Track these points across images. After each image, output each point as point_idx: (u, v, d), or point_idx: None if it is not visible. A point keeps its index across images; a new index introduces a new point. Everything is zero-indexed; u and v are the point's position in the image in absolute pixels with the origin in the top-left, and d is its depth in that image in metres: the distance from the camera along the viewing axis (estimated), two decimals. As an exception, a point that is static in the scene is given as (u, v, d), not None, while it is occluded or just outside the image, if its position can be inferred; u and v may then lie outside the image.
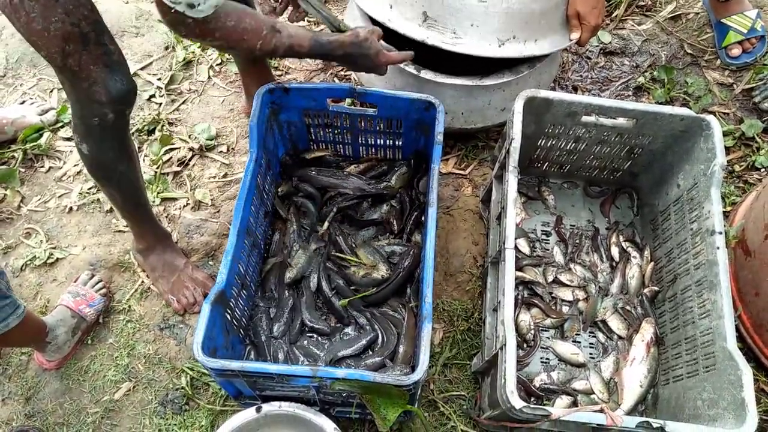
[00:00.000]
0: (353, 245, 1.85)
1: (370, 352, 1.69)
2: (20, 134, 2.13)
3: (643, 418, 1.26)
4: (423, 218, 1.82)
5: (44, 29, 1.18)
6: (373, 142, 1.92)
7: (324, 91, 1.73)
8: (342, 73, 2.32)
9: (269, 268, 1.82)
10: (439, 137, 1.66)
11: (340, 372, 1.32)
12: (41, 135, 2.17)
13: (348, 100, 1.98)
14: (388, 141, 1.90)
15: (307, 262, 1.81)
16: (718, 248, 1.46)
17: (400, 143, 1.90)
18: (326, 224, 1.87)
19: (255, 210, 1.71)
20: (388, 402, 1.37)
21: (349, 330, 1.75)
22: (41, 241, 1.98)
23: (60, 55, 1.24)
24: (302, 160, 1.97)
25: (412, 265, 1.75)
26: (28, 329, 1.53)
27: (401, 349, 1.67)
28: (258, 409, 1.46)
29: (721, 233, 1.48)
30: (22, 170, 2.13)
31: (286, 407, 1.47)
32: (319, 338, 1.74)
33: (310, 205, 1.90)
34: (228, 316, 1.54)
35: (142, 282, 1.89)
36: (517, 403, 1.26)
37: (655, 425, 1.26)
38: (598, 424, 1.27)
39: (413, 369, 1.44)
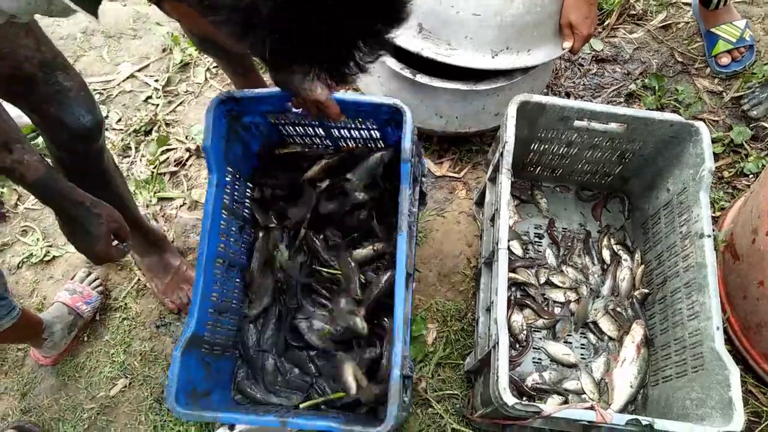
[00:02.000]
0: (330, 259, 1.77)
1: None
2: None
3: (633, 416, 1.29)
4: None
5: None
6: (348, 135, 1.79)
7: (280, 97, 1.58)
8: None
9: (248, 281, 1.77)
10: (407, 153, 1.48)
11: (309, 423, 1.33)
12: (38, 135, 2.18)
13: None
14: (363, 134, 1.77)
15: (270, 297, 1.75)
16: (706, 251, 1.50)
17: (378, 135, 1.77)
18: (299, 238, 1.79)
19: (226, 228, 1.64)
20: None
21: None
22: (38, 239, 1.99)
23: (8, 97, 1.21)
24: (274, 156, 1.84)
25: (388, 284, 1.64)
26: (24, 327, 1.54)
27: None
28: (231, 428, 1.46)
29: (709, 236, 1.51)
30: (20, 169, 2.14)
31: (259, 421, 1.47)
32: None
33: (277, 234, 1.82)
34: (205, 350, 1.51)
35: (138, 280, 1.91)
36: (510, 399, 1.29)
37: (644, 422, 1.28)
38: (588, 421, 1.30)
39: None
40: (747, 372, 1.74)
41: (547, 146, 1.82)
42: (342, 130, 1.79)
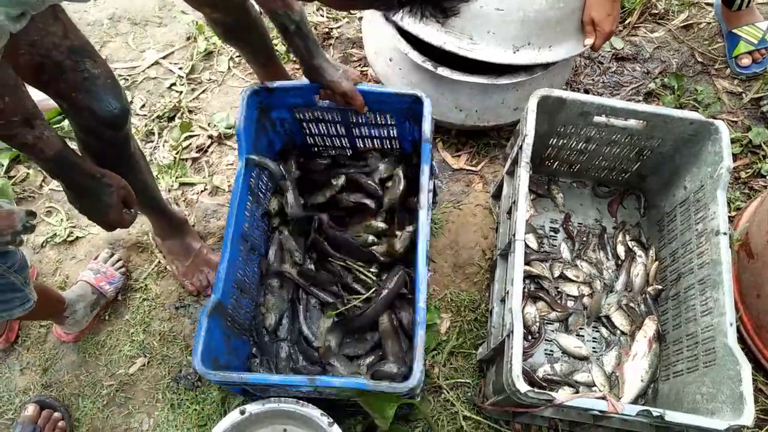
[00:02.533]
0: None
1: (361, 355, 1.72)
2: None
3: (644, 407, 1.31)
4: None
5: (14, 63, 1.13)
6: (367, 133, 1.87)
7: (307, 89, 1.68)
8: (360, 69, 2.37)
9: (265, 268, 1.81)
10: (428, 134, 1.61)
11: (337, 381, 1.37)
12: (64, 117, 2.22)
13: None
14: (382, 132, 1.85)
15: (281, 301, 1.78)
16: (722, 248, 1.51)
17: (395, 134, 1.85)
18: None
19: (250, 214, 1.70)
20: (383, 400, 1.40)
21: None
22: (62, 219, 2.03)
23: (38, 85, 1.24)
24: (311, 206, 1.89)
25: (397, 287, 1.71)
26: (46, 305, 1.57)
27: (389, 349, 1.67)
28: (242, 412, 1.50)
29: (725, 233, 1.52)
30: (45, 151, 2.18)
31: (270, 404, 1.50)
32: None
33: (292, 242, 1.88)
34: (228, 323, 1.55)
35: (159, 262, 1.95)
36: (523, 387, 1.31)
37: (655, 414, 1.30)
38: (600, 411, 1.32)
39: (410, 369, 1.39)
40: (758, 370, 1.75)
41: (565, 141, 1.84)
42: (362, 128, 1.84)
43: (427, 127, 1.61)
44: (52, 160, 1.17)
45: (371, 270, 1.79)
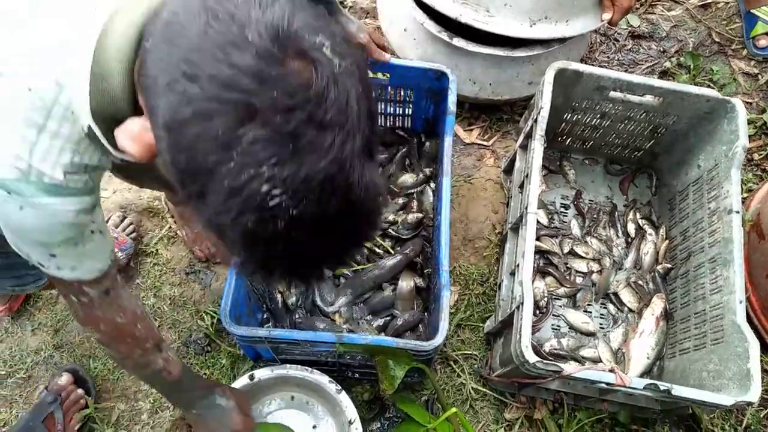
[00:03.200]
0: None
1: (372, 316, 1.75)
2: None
3: (651, 381, 1.32)
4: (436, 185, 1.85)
5: None
6: (383, 110, 1.90)
7: None
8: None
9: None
10: (452, 107, 1.65)
11: (363, 338, 1.38)
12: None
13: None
14: (398, 109, 1.90)
15: None
16: (734, 226, 1.51)
17: (410, 112, 1.90)
18: None
19: None
20: (396, 362, 1.43)
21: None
22: (73, 183, 2.04)
23: None
24: None
25: (415, 253, 1.78)
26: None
27: (399, 312, 1.73)
28: (251, 377, 1.52)
29: (738, 212, 1.52)
30: (57, 114, 2.18)
31: (278, 370, 1.53)
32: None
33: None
34: (249, 284, 1.58)
35: (170, 227, 1.95)
36: (532, 357, 1.32)
37: (662, 388, 1.31)
38: (607, 384, 1.33)
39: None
40: (765, 351, 1.76)
41: (579, 116, 1.83)
42: (379, 104, 1.86)
43: (451, 99, 1.65)
44: (177, 380, 1.24)
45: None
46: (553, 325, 1.78)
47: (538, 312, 1.77)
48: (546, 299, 1.77)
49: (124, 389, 1.74)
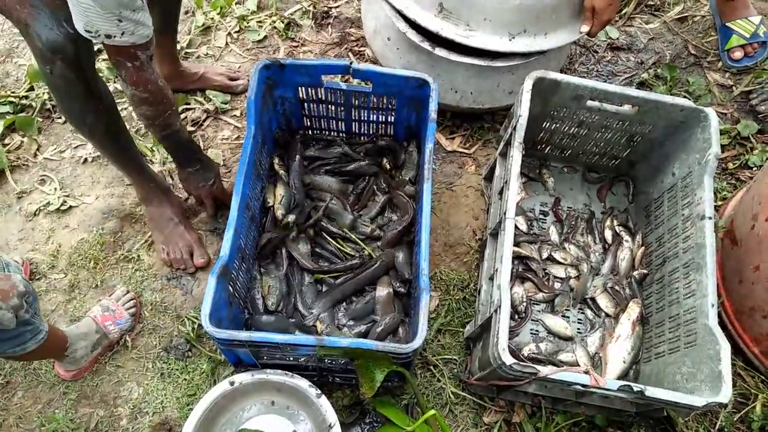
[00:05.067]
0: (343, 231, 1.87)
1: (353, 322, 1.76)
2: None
3: (625, 382, 1.35)
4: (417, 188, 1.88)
5: None
6: (366, 118, 1.92)
7: (320, 68, 1.74)
8: (357, 48, 2.38)
9: (264, 242, 1.84)
10: (433, 114, 1.69)
11: (344, 341, 1.39)
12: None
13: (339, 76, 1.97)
14: (380, 117, 1.91)
15: (278, 282, 1.81)
16: (706, 232, 1.54)
17: (393, 119, 1.92)
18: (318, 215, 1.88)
19: (252, 185, 1.73)
20: (376, 365, 1.44)
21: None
22: (55, 188, 2.04)
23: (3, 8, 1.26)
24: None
25: (393, 256, 1.80)
26: (48, 347, 1.51)
27: (379, 317, 1.74)
28: (231, 383, 1.53)
29: (710, 218, 1.56)
30: (40, 120, 2.18)
31: (258, 375, 1.53)
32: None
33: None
34: (231, 289, 1.58)
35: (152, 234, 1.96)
36: (508, 359, 1.34)
37: (635, 389, 1.34)
38: (582, 385, 1.35)
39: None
40: (737, 355, 1.79)
41: (558, 125, 1.86)
42: (362, 111, 1.89)
43: (433, 107, 1.70)
44: (186, 140, 1.69)
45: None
46: (531, 329, 1.80)
47: (516, 317, 1.80)
48: (525, 304, 1.79)
49: (104, 395, 1.74)
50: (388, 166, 1.95)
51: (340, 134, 2.02)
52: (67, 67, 1.36)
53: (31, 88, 2.22)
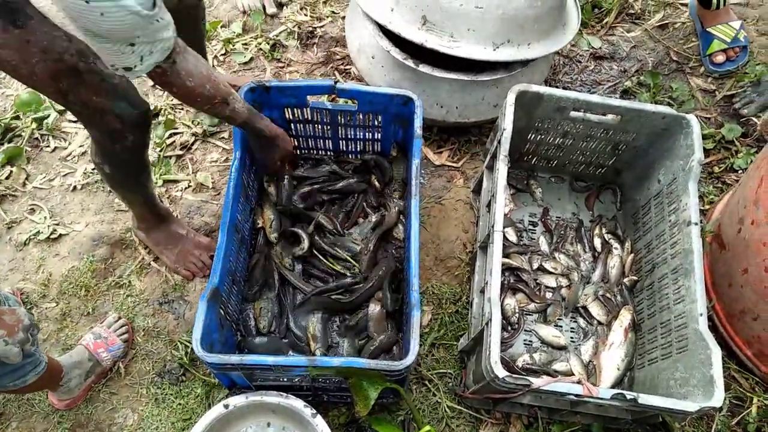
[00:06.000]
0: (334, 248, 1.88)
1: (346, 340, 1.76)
2: None
3: (618, 391, 1.35)
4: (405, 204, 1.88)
5: (31, 73, 1.17)
6: (353, 136, 1.94)
7: (305, 89, 1.76)
8: (343, 67, 2.40)
9: (254, 262, 1.85)
10: (419, 131, 1.71)
11: (336, 360, 1.39)
12: (48, 116, 2.23)
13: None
14: (367, 134, 1.93)
15: (270, 303, 1.81)
16: (693, 237, 1.55)
17: (379, 136, 1.94)
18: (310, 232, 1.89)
19: (242, 207, 1.74)
20: (369, 383, 1.44)
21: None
22: (45, 217, 2.04)
23: (58, 94, 1.24)
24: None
25: (386, 275, 1.80)
26: (45, 378, 1.51)
27: (374, 335, 1.74)
28: (226, 406, 1.52)
29: (696, 224, 1.57)
30: (28, 149, 2.19)
31: (253, 396, 1.53)
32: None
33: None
34: (222, 312, 1.58)
35: (143, 258, 1.96)
36: (501, 372, 1.35)
37: (629, 397, 1.34)
38: (576, 395, 1.36)
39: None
40: (731, 358, 1.80)
41: (543, 136, 1.88)
42: (348, 129, 1.90)
43: (418, 123, 1.71)
44: (241, 123, 1.55)
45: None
46: (525, 340, 1.80)
47: (509, 328, 1.80)
48: (517, 315, 1.80)
49: (98, 423, 1.73)
50: (377, 183, 1.96)
51: (328, 153, 2.03)
52: (137, 138, 1.43)
53: (17, 117, 2.22)
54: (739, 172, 2.15)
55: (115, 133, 1.38)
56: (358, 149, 2.01)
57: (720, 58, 2.38)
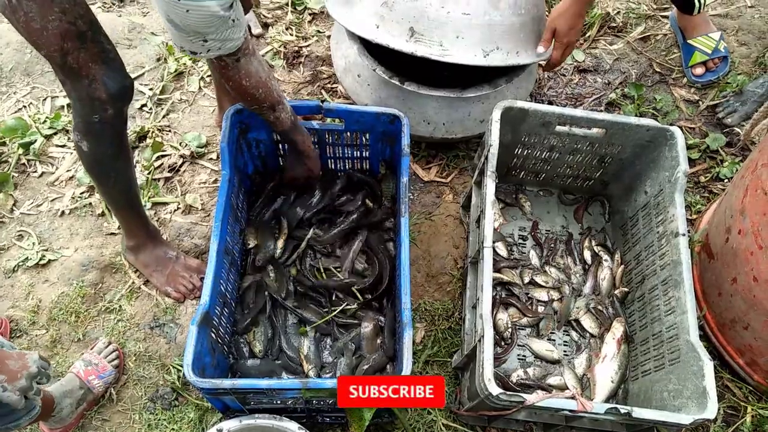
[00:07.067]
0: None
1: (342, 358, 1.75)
2: None
3: (612, 405, 1.35)
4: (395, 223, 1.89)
5: (42, 28, 1.24)
6: (341, 155, 1.95)
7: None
8: (329, 86, 2.41)
9: (247, 285, 1.85)
10: (406, 149, 1.72)
11: (329, 382, 1.39)
12: (35, 141, 2.22)
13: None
14: (355, 153, 1.94)
15: (262, 326, 1.80)
16: (681, 248, 1.57)
17: (367, 155, 1.95)
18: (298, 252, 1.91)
19: (231, 229, 1.74)
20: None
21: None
22: (33, 243, 2.02)
23: (59, 53, 1.29)
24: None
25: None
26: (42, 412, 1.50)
27: (366, 354, 1.74)
28: (219, 430, 1.49)
29: (684, 235, 1.58)
30: (15, 175, 2.18)
31: (247, 420, 1.51)
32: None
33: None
34: (213, 335, 1.57)
35: (133, 282, 1.95)
36: (494, 389, 1.34)
37: (622, 411, 1.34)
38: (570, 411, 1.36)
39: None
40: (723, 367, 1.81)
41: (530, 151, 1.89)
42: (336, 148, 1.90)
43: (405, 141, 1.73)
44: (280, 133, 1.67)
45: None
46: (518, 355, 1.80)
47: (503, 343, 1.80)
48: (510, 330, 1.80)
49: (91, 450, 1.71)
50: (367, 201, 1.96)
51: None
52: (117, 111, 1.46)
53: (3, 143, 2.21)
54: (725, 181, 2.17)
55: (96, 102, 1.40)
56: (347, 168, 2.01)
57: (700, 70, 2.41)
